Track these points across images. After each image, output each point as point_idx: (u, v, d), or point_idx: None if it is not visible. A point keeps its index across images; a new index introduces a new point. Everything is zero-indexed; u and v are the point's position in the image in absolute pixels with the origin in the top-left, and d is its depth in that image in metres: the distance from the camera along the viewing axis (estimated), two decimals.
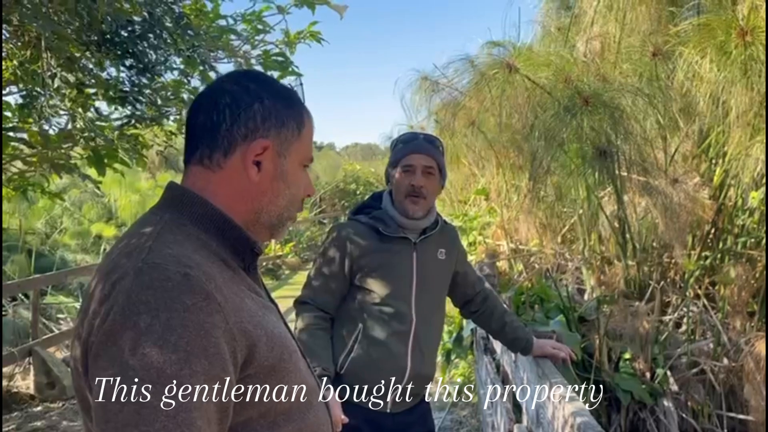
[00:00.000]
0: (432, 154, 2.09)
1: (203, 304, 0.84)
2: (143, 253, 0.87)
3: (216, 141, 0.98)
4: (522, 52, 5.27)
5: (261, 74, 1.09)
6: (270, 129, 1.00)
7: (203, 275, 0.87)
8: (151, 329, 0.80)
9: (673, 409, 4.61)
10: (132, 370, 0.78)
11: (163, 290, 0.82)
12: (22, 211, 9.02)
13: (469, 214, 7.37)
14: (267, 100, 1.00)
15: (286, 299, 10.31)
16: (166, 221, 0.95)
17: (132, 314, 0.81)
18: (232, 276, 0.96)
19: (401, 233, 2.07)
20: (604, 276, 5.41)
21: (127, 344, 0.79)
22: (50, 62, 1.83)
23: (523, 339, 2.28)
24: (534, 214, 5.86)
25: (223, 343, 0.84)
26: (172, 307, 0.81)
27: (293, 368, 0.98)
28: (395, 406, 2.07)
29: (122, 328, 0.81)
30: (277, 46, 3.95)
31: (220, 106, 0.99)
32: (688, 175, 4.79)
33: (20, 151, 3.63)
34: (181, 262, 0.86)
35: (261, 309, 0.97)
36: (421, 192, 2.05)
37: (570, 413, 1.86)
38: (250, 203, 1.01)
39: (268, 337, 0.93)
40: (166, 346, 0.79)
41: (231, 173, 0.99)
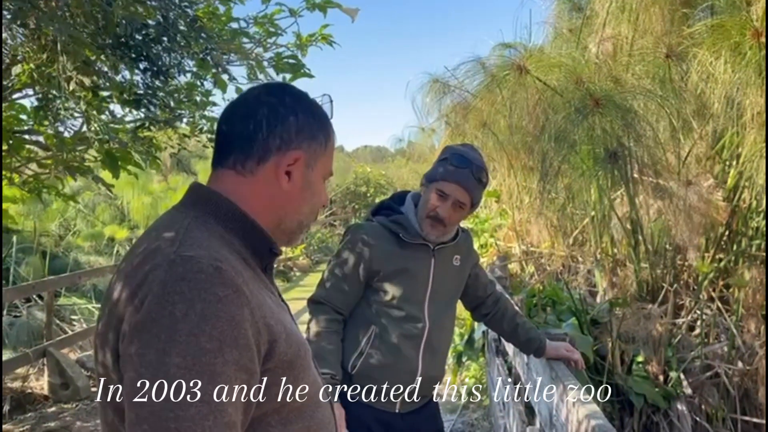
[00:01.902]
0: (471, 191, 2.00)
1: (234, 297, 0.87)
2: (174, 245, 0.91)
3: (251, 149, 1.03)
4: (533, 54, 5.26)
5: (295, 89, 1.13)
6: (303, 141, 1.05)
7: (232, 269, 0.90)
8: (186, 318, 0.83)
9: (687, 413, 4.58)
10: (168, 357, 0.81)
11: (196, 281, 0.85)
12: (36, 214, 9.11)
13: (480, 216, 7.35)
14: (301, 114, 1.05)
15: (297, 301, 10.32)
16: (192, 218, 0.98)
17: (168, 303, 0.84)
18: (252, 275, 0.99)
19: (420, 240, 2.06)
20: (617, 278, 5.38)
21: (164, 332, 0.82)
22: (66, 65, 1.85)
23: (536, 340, 2.27)
24: (545, 216, 5.84)
25: (251, 336, 0.88)
26: (206, 298, 0.85)
27: (307, 366, 1.02)
28: (404, 406, 2.08)
29: (158, 317, 0.84)
30: (289, 48, 3.97)
31: (258, 116, 1.03)
32: (702, 177, 4.76)
33: (35, 153, 3.67)
34: (212, 256, 0.90)
35: (277, 307, 1.01)
36: (442, 221, 2.03)
37: (584, 416, 1.85)
38: (275, 209, 1.05)
39: (287, 334, 0.96)
40: (202, 335, 0.83)
41: (262, 180, 1.03)
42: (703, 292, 5.00)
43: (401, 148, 15.81)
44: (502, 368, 4.04)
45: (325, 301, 2.05)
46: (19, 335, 6.19)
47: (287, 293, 11.16)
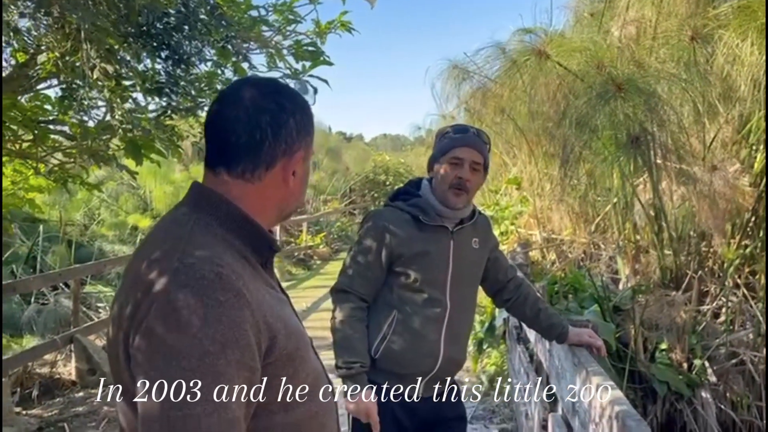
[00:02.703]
0: (481, 149, 2.06)
1: (234, 300, 0.92)
2: (177, 253, 0.96)
3: (259, 158, 1.06)
4: (554, 39, 5.19)
5: (285, 87, 1.16)
6: (302, 140, 1.09)
7: (233, 273, 0.95)
8: (190, 323, 0.89)
9: (711, 401, 4.53)
10: (175, 360, 0.87)
11: (199, 288, 0.91)
12: (62, 203, 9.25)
13: (501, 204, 7.31)
14: (297, 114, 1.09)
15: (317, 289, 10.30)
16: (195, 222, 1.03)
17: (172, 310, 0.90)
18: (253, 273, 1.04)
19: (440, 222, 2.06)
20: (639, 265, 5.32)
21: (168, 338, 0.89)
22: (90, 53, 1.87)
23: (558, 326, 2.25)
24: (567, 202, 5.79)
25: (252, 335, 0.93)
26: (208, 303, 0.90)
27: (306, 356, 1.07)
28: (427, 390, 2.09)
29: (164, 323, 0.90)
30: (308, 36, 3.96)
31: (262, 124, 1.05)
32: (728, 162, 4.67)
33: (60, 143, 3.72)
34: (213, 262, 0.95)
35: (277, 303, 1.05)
36: (465, 186, 2.04)
37: (608, 402, 1.84)
38: (279, 205, 1.11)
39: (285, 329, 1.01)
40: (205, 339, 0.88)
41: (270, 184, 1.07)
42: (728, 278, 4.93)
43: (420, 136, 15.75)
44: (524, 355, 4.03)
45: (349, 289, 2.06)
46: (47, 322, 6.31)
47: (307, 281, 11.23)
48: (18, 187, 4.28)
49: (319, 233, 15.07)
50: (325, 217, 16.67)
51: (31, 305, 6.60)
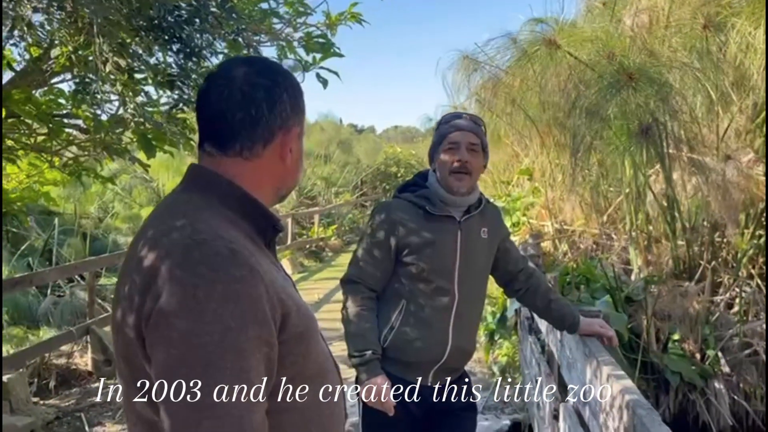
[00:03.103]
0: (475, 131, 2.10)
1: (250, 276, 0.91)
2: (186, 230, 0.93)
3: (256, 134, 1.04)
4: (564, 28, 5.16)
5: (276, 64, 1.15)
6: (297, 115, 1.08)
7: (245, 250, 0.94)
8: (209, 300, 0.87)
9: (725, 391, 4.52)
10: (196, 337, 0.86)
11: (214, 264, 0.89)
12: (76, 197, 9.35)
13: (513, 195, 7.29)
14: (290, 89, 1.08)
15: (329, 281, 10.33)
16: (198, 201, 1.01)
17: (190, 287, 0.87)
18: (260, 251, 1.02)
19: (446, 211, 2.08)
20: (652, 256, 5.30)
21: (189, 315, 0.87)
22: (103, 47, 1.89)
23: (569, 316, 2.26)
24: (578, 193, 5.76)
25: (268, 310, 0.92)
26: (225, 280, 0.88)
27: (316, 337, 1.07)
28: (436, 378, 2.10)
29: (182, 300, 0.87)
30: (319, 28, 3.96)
31: (257, 100, 1.03)
32: (742, 151, 4.63)
33: (74, 137, 3.76)
34: (225, 238, 0.93)
35: (285, 282, 1.04)
36: (465, 168, 2.06)
37: (618, 391, 1.85)
38: (276, 183, 1.09)
39: (297, 307, 1.00)
40: (226, 314, 0.87)
41: (267, 160, 1.06)
42: (742, 269, 4.90)
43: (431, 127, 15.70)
44: (535, 346, 4.04)
45: (359, 280, 2.09)
46: (63, 314, 6.40)
47: (319, 273, 11.27)
48: (33, 181, 4.33)
49: (331, 225, 15.11)
50: (337, 209, 16.70)
51: (48, 297, 6.69)
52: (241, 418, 0.86)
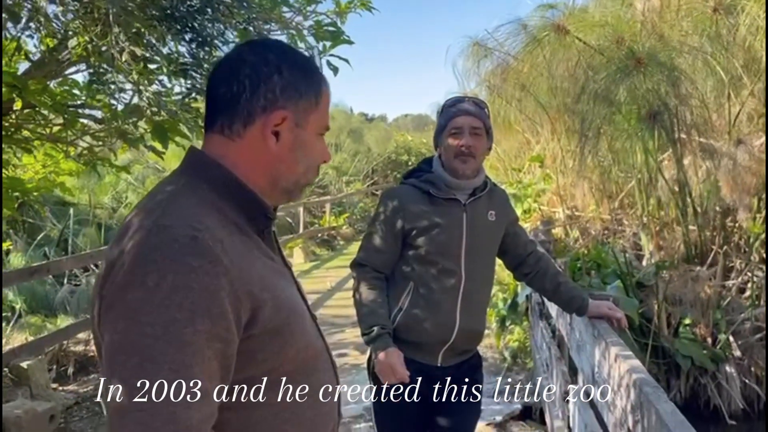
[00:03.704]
0: (478, 115, 2.12)
1: (209, 267, 0.86)
2: (155, 214, 0.91)
3: (236, 111, 1.00)
4: (573, 14, 5.14)
5: (280, 44, 1.09)
6: (288, 100, 1.01)
7: (211, 238, 0.89)
8: (158, 288, 0.84)
9: (736, 375, 4.53)
10: (138, 326, 0.83)
11: (170, 251, 0.86)
12: (90, 187, 9.46)
13: (524, 182, 7.28)
14: (286, 71, 1.02)
15: (341, 269, 10.37)
16: (183, 184, 0.98)
17: (141, 273, 0.85)
18: (245, 240, 0.98)
19: (451, 194, 2.11)
20: (663, 241, 5.30)
21: (135, 302, 0.84)
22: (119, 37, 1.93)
23: (578, 299, 2.28)
24: (589, 179, 5.76)
25: (228, 305, 0.87)
26: (178, 269, 0.85)
27: (299, 331, 1.01)
28: (446, 359, 2.14)
29: (131, 286, 0.85)
30: (328, 16, 3.98)
31: (240, 76, 1.00)
32: (754, 135, 4.61)
33: (88, 127, 3.81)
34: (190, 225, 0.89)
35: (272, 273, 1.00)
36: (469, 151, 2.09)
37: (626, 370, 1.87)
38: (268, 171, 1.03)
39: (274, 301, 0.95)
40: (172, 306, 0.83)
41: (250, 143, 1.01)
42: (754, 253, 4.89)
43: None
44: (546, 330, 4.07)
45: (366, 263, 2.14)
46: (80, 302, 6.50)
47: (331, 262, 11.34)
48: (49, 171, 4.40)
49: (342, 214, 15.16)
50: (348, 198, 16.74)
51: (64, 286, 6.79)
52: (174, 414, 0.81)
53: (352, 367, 5.33)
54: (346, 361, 5.54)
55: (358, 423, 4.14)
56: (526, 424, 4.22)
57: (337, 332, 6.51)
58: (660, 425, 1.52)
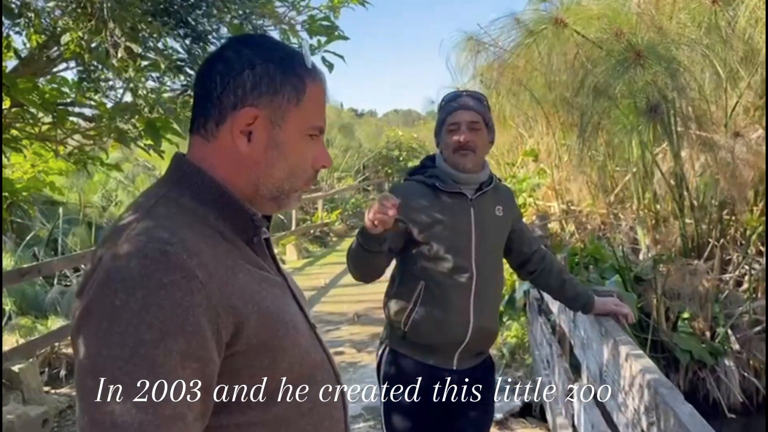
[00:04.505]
0: (477, 109, 2.08)
1: (182, 282, 0.81)
2: (128, 229, 0.86)
3: (209, 110, 0.95)
4: (570, 7, 5.10)
5: (262, 38, 1.04)
6: (260, 97, 0.95)
7: (185, 252, 0.84)
8: (126, 307, 0.79)
9: (735, 369, 4.53)
10: (106, 348, 0.78)
11: (140, 268, 0.81)
12: (79, 186, 9.34)
13: (518, 176, 7.26)
14: (260, 66, 0.95)
15: (334, 266, 10.28)
16: (163, 194, 0.93)
17: (109, 292, 0.80)
18: (229, 249, 0.92)
19: (457, 188, 2.07)
20: (660, 235, 5.29)
21: (102, 322, 0.79)
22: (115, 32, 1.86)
23: (584, 296, 2.24)
24: (585, 173, 5.74)
25: (204, 321, 0.82)
26: (148, 285, 0.80)
27: (290, 344, 0.94)
28: (461, 362, 2.09)
29: (99, 305, 0.80)
30: (322, 11, 3.91)
31: (213, 73, 0.95)
32: (751, 128, 4.60)
33: (78, 125, 3.73)
34: (162, 239, 0.84)
35: (260, 283, 0.94)
36: (468, 146, 2.05)
37: (638, 370, 1.84)
38: (246, 174, 0.97)
39: (260, 314, 0.90)
40: (141, 325, 0.78)
41: (223, 143, 0.95)
42: (751, 246, 4.89)
43: (433, 110, 15.64)
44: (546, 327, 4.04)
45: None
46: (71, 303, 6.39)
47: (324, 258, 11.28)
48: (38, 170, 4.31)
49: (335, 210, 15.10)
50: (340, 194, 16.69)
51: (55, 287, 6.70)
52: None
53: (349, 366, 5.29)
54: (343, 359, 5.49)
55: (357, 423, 4.09)
56: (527, 421, 4.20)
57: (333, 330, 6.47)
58: (679, 428, 1.49)
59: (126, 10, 1.81)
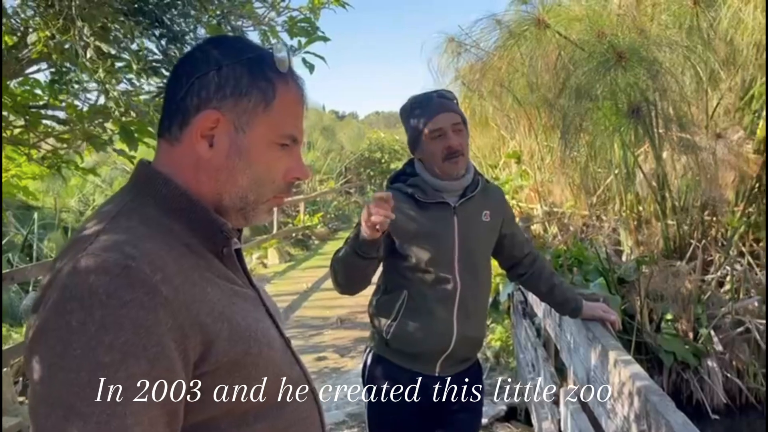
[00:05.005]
0: (454, 109, 2.00)
1: (145, 299, 0.75)
2: (88, 242, 0.80)
3: (173, 111, 0.91)
4: (552, 8, 5.09)
5: (235, 40, 0.99)
6: (224, 99, 0.89)
7: (148, 266, 0.78)
8: (83, 328, 0.72)
9: (718, 369, 4.54)
10: (61, 373, 0.72)
11: (99, 284, 0.74)
12: (55, 190, 9.16)
13: (501, 178, 7.25)
14: (226, 67, 0.90)
15: (317, 269, 10.18)
16: (126, 203, 0.88)
17: (64, 311, 0.73)
18: (196, 263, 0.87)
19: (439, 198, 2.00)
20: (642, 236, 5.30)
21: (57, 345, 0.73)
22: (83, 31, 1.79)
23: (572, 301, 2.21)
24: (567, 175, 5.74)
25: (169, 341, 0.77)
26: (107, 304, 0.73)
27: (264, 362, 0.89)
28: (444, 369, 2.04)
29: (54, 327, 0.74)
30: (302, 12, 3.86)
31: (178, 74, 0.91)
32: (731, 130, 4.62)
33: (52, 128, 3.63)
34: (123, 252, 0.78)
35: (231, 298, 0.89)
36: (459, 151, 1.97)
37: (627, 377, 1.80)
38: (208, 182, 0.91)
39: (231, 330, 0.84)
40: (99, 347, 0.72)
41: (186, 148, 0.90)
42: (732, 247, 4.91)
43: None
44: (530, 330, 4.01)
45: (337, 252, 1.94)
46: None
47: (307, 262, 11.19)
48: (11, 175, 4.19)
49: (317, 213, 15.01)
50: (322, 197, 16.60)
51: (30, 294, 6.55)
52: None
53: (332, 371, 5.22)
54: (326, 364, 5.43)
55: (341, 429, 4.03)
56: (512, 426, 4.16)
57: (315, 335, 6.40)
58: None
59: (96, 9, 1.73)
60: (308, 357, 5.59)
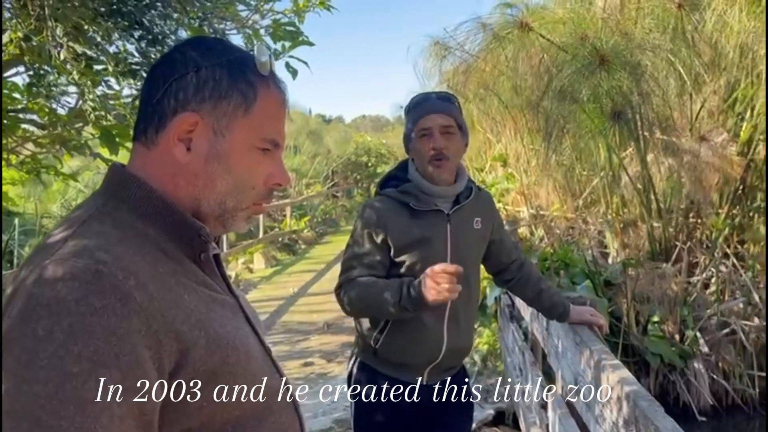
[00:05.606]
0: (448, 111, 1.94)
1: (117, 306, 0.72)
2: (57, 246, 0.77)
3: (149, 114, 0.88)
4: (536, 11, 5.10)
5: (215, 42, 0.96)
6: (203, 102, 0.87)
7: (121, 271, 0.75)
8: (50, 337, 0.69)
9: (704, 371, 4.55)
10: (27, 385, 0.68)
11: (67, 290, 0.71)
12: (37, 195, 9.03)
13: (487, 181, 7.25)
14: (206, 69, 0.87)
15: (303, 273, 10.12)
16: (99, 207, 0.84)
17: (30, 320, 0.70)
18: (173, 269, 0.84)
19: (432, 205, 1.96)
20: (628, 238, 5.31)
21: (23, 355, 0.69)
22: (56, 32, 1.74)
23: (560, 305, 2.19)
24: (553, 178, 5.74)
25: (143, 349, 0.73)
26: (77, 311, 0.70)
27: (243, 371, 0.86)
28: (431, 378, 2.01)
29: (19, 336, 0.70)
30: (286, 15, 3.82)
31: (155, 76, 0.89)
32: (715, 132, 4.65)
33: (31, 133, 3.56)
34: (94, 257, 0.74)
35: (208, 304, 0.86)
36: (443, 154, 1.92)
37: (616, 381, 1.78)
38: (185, 187, 0.88)
39: (208, 339, 0.81)
40: (68, 357, 0.68)
41: (163, 152, 0.87)
42: (717, 249, 4.93)
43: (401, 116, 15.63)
44: (518, 334, 3.99)
45: (351, 278, 1.93)
46: None
47: (293, 266, 11.13)
48: None
49: (303, 217, 14.94)
50: (309, 200, 16.53)
51: None
52: None
53: (319, 377, 5.18)
54: (312, 370, 5.38)
55: None
56: (500, 430, 4.14)
57: (302, 340, 6.34)
58: None
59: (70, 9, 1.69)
60: (295, 362, 5.54)
